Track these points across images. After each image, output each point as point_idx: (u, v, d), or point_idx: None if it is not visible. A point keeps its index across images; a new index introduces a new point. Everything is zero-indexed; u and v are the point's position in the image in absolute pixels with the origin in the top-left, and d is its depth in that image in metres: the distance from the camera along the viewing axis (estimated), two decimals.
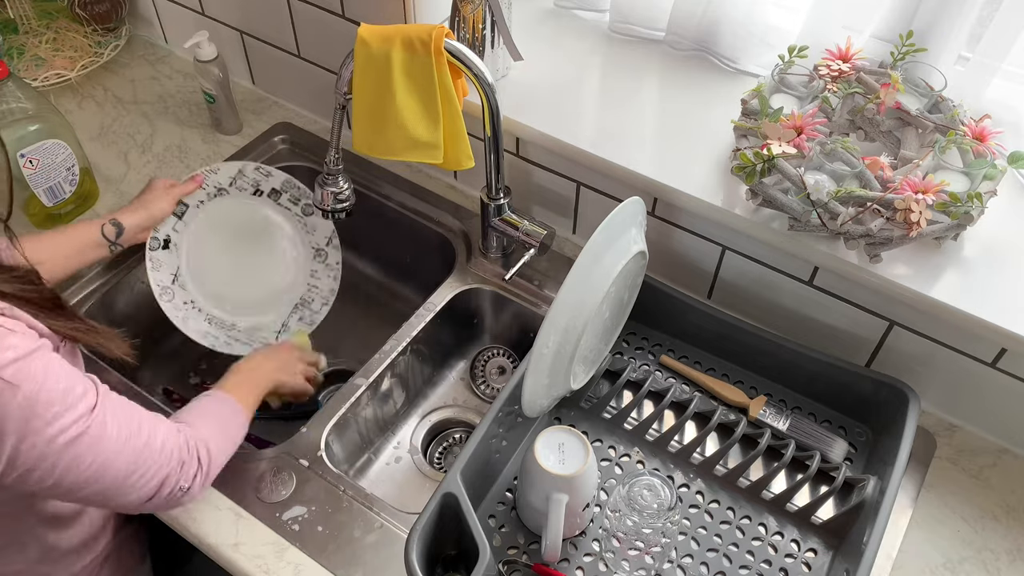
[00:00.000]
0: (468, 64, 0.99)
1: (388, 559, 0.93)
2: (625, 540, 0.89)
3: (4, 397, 0.67)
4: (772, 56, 1.10)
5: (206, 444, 0.87)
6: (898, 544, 0.95)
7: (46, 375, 0.70)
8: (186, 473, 0.83)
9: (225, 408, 0.94)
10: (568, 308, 0.86)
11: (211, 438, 0.88)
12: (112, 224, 1.09)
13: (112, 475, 0.75)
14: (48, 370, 0.71)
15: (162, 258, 1.15)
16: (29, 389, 0.68)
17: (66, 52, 1.49)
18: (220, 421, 0.92)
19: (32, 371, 0.69)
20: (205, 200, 1.20)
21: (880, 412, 1.01)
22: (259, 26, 1.39)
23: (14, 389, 0.67)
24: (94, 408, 0.74)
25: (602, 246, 0.87)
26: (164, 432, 0.81)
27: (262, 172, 1.23)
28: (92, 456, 0.73)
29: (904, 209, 0.90)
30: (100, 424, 0.74)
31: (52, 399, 0.70)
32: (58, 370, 0.72)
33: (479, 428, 0.91)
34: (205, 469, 0.86)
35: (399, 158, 1.05)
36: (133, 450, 0.77)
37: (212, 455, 0.87)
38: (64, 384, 0.71)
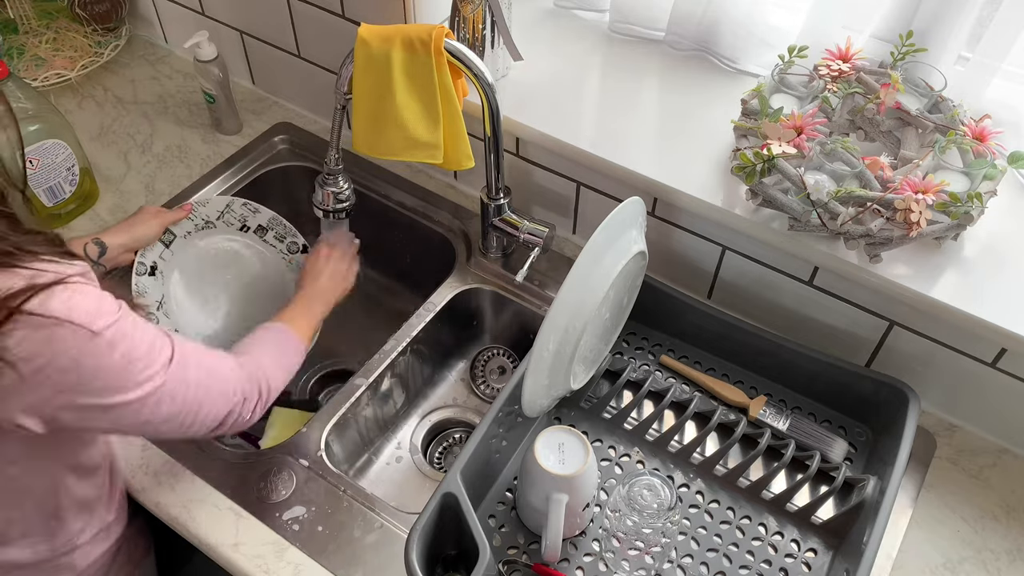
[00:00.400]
0: (468, 64, 0.99)
1: (388, 559, 0.93)
2: (625, 540, 0.89)
3: (105, 356, 0.71)
4: (772, 56, 1.10)
5: (266, 377, 0.92)
6: (898, 544, 0.95)
7: (134, 333, 0.74)
8: (248, 406, 0.89)
9: (284, 340, 1.00)
10: (568, 308, 0.86)
11: (271, 370, 0.93)
12: (95, 243, 1.07)
13: (186, 413, 0.81)
14: (135, 328, 0.75)
15: (148, 284, 1.14)
16: (124, 347, 0.73)
17: (66, 52, 1.49)
18: (279, 353, 0.97)
19: (125, 330, 0.73)
20: (192, 232, 1.19)
21: (880, 412, 1.01)
22: (259, 26, 1.39)
23: (113, 348, 0.72)
24: (171, 358, 0.78)
25: (602, 246, 0.87)
26: (229, 371, 0.87)
27: (249, 208, 1.23)
28: (171, 399, 0.79)
29: (904, 209, 0.90)
30: (178, 371, 0.79)
31: (140, 355, 0.75)
32: (143, 328, 0.76)
33: (479, 428, 0.91)
34: (264, 400, 0.91)
35: (399, 158, 1.05)
36: (205, 390, 0.82)
37: (271, 387, 0.93)
38: (148, 340, 0.76)
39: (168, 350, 0.79)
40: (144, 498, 0.98)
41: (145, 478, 0.99)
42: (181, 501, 0.97)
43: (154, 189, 1.33)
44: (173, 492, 0.98)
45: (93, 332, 0.70)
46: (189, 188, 1.32)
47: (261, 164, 1.38)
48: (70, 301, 0.69)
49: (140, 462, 1.01)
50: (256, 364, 0.92)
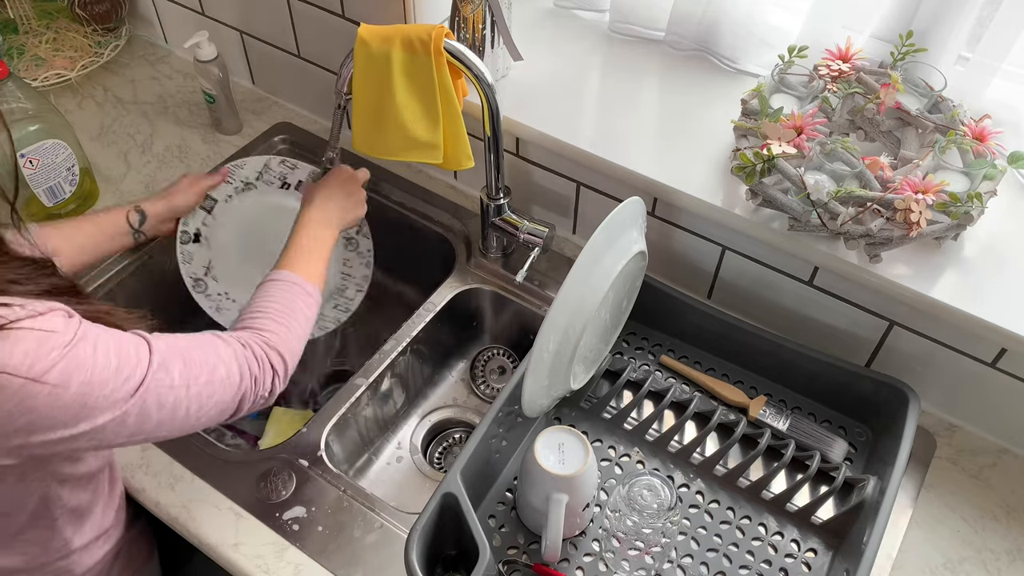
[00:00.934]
0: (468, 64, 0.99)
1: (388, 559, 0.93)
2: (625, 540, 0.89)
3: (57, 395, 0.68)
4: (772, 56, 1.10)
5: (277, 349, 0.87)
6: (898, 544, 0.95)
7: (95, 358, 0.70)
8: (263, 384, 0.85)
9: (291, 295, 0.93)
10: (568, 308, 0.86)
11: (282, 337, 0.89)
12: (136, 211, 1.10)
13: (183, 414, 0.78)
14: (96, 351, 0.71)
15: (193, 251, 1.16)
16: (81, 378, 0.69)
17: (66, 52, 1.49)
18: (288, 312, 0.91)
19: (80, 360, 0.69)
20: (233, 195, 1.20)
21: (880, 412, 1.01)
22: (259, 26, 1.39)
23: (64, 388, 0.68)
24: (148, 367, 0.74)
25: (602, 246, 0.87)
26: (227, 359, 0.82)
27: (288, 165, 1.23)
28: (158, 407, 0.75)
29: (904, 209, 0.90)
30: (160, 377, 0.75)
31: (106, 377, 0.71)
32: (106, 345, 0.72)
33: (479, 428, 0.91)
34: (282, 373, 0.88)
35: (399, 158, 1.05)
36: (200, 387, 0.78)
37: (286, 357, 0.88)
38: (115, 360, 0.72)
39: (144, 360, 0.74)
40: (144, 498, 0.98)
41: (145, 478, 0.99)
42: (181, 501, 0.97)
43: (154, 189, 1.32)
44: (173, 492, 0.98)
45: (32, 378, 0.66)
46: None
47: None
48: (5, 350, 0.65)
49: (140, 462, 1.01)
50: (263, 336, 0.88)
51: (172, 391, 0.76)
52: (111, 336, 0.73)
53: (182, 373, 0.78)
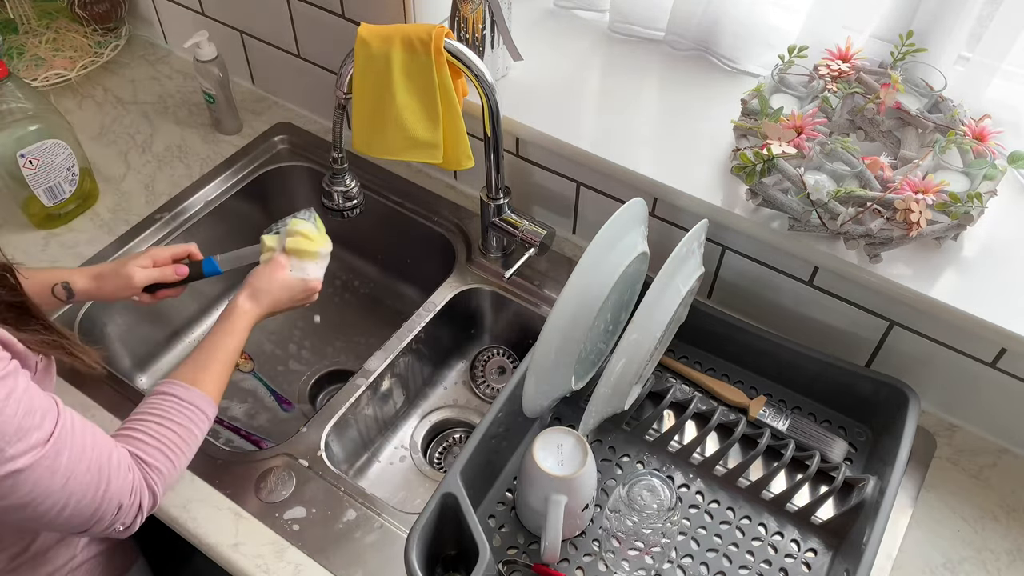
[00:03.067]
0: (468, 64, 0.99)
1: (388, 559, 0.93)
2: (625, 540, 0.89)
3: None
4: (772, 56, 1.10)
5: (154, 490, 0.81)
6: (898, 544, 0.95)
7: (4, 405, 0.67)
8: (124, 516, 0.79)
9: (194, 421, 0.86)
10: (570, 309, 0.86)
11: (164, 477, 0.82)
12: (64, 287, 1.00)
13: (45, 507, 0.72)
14: (9, 399, 0.68)
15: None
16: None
17: (66, 52, 1.49)
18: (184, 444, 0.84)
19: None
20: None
21: (880, 412, 1.01)
22: (259, 26, 1.39)
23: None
24: (47, 441, 0.71)
25: (605, 247, 0.87)
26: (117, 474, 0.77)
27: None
28: (31, 486, 0.70)
29: (904, 209, 0.90)
30: (49, 459, 0.71)
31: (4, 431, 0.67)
32: (19, 398, 0.69)
33: (479, 428, 0.91)
34: (146, 511, 0.81)
35: (399, 158, 1.05)
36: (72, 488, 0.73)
37: (158, 496, 0.82)
38: (21, 415, 0.68)
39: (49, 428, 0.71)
40: None
41: None
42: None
43: (154, 189, 1.33)
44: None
45: None
46: (189, 188, 1.33)
47: (261, 164, 1.38)
48: None
49: None
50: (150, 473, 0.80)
51: (55, 475, 0.71)
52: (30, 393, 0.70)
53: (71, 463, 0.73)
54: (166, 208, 1.29)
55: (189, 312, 1.36)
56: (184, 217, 1.29)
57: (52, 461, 0.71)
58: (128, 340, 1.26)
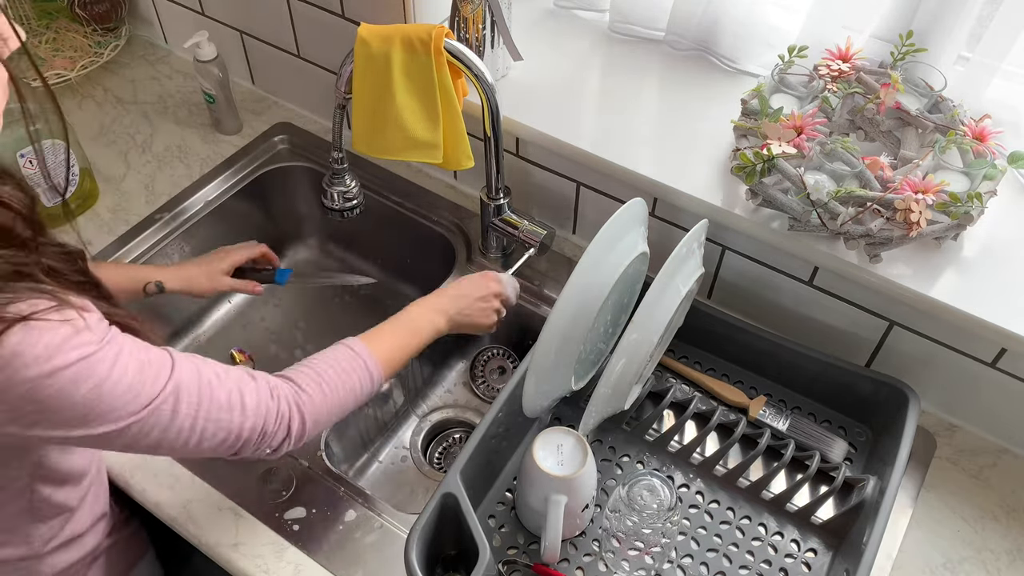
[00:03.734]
0: (468, 64, 0.99)
1: (388, 559, 0.93)
2: (625, 540, 0.89)
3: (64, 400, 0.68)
4: (772, 56, 1.10)
5: (303, 412, 0.84)
6: (898, 544, 0.95)
7: (112, 369, 0.70)
8: (270, 440, 0.82)
9: (354, 367, 0.89)
10: (570, 309, 0.86)
11: (316, 403, 0.85)
12: (155, 285, 1.09)
13: (181, 443, 0.76)
14: (116, 362, 0.71)
15: None
16: (90, 387, 0.69)
17: (66, 52, 1.49)
18: (340, 383, 0.88)
19: (94, 369, 0.69)
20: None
21: (880, 412, 1.01)
22: (259, 26, 1.39)
23: (73, 391, 0.68)
24: (162, 390, 0.74)
25: (605, 247, 0.87)
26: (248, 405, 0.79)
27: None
28: (160, 430, 0.74)
29: (904, 209, 0.90)
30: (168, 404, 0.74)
31: (116, 392, 0.70)
32: (128, 358, 0.72)
33: (479, 428, 0.91)
34: (296, 435, 0.83)
35: (399, 158, 1.05)
36: (203, 422, 0.76)
37: (308, 422, 0.84)
38: (131, 375, 0.71)
39: (161, 381, 0.73)
40: (144, 498, 0.98)
41: (145, 478, 0.99)
42: (181, 501, 0.97)
43: (154, 189, 1.33)
44: (173, 492, 0.98)
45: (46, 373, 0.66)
46: (189, 188, 1.32)
47: (261, 164, 1.38)
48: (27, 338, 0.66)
49: (140, 462, 1.01)
50: (298, 394, 0.84)
51: (177, 419, 0.75)
52: (137, 349, 0.73)
53: (194, 405, 0.76)
54: (166, 208, 1.29)
55: (189, 312, 1.36)
56: (184, 217, 1.29)
57: (176, 403, 0.74)
58: None
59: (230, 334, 1.36)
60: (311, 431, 0.85)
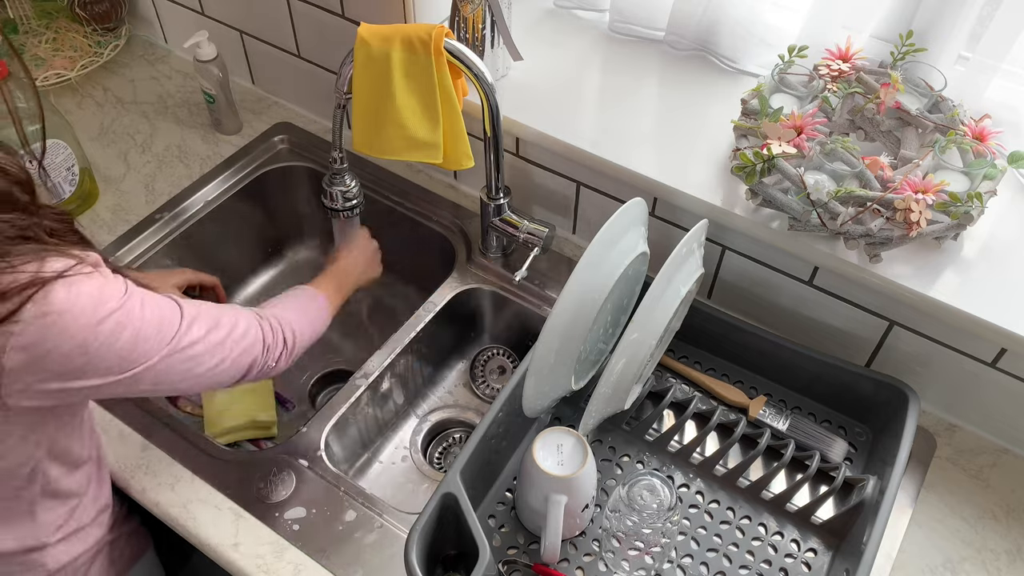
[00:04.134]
0: (468, 64, 0.99)
1: (388, 559, 0.93)
2: (625, 540, 0.89)
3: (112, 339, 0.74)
4: (772, 56, 1.10)
5: (291, 327, 0.96)
6: (898, 544, 0.95)
7: (143, 312, 0.77)
8: (272, 354, 0.93)
9: (310, 299, 1.03)
10: (570, 309, 0.86)
11: (296, 322, 0.97)
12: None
13: (202, 371, 0.84)
14: (144, 307, 0.78)
15: None
16: (131, 331, 0.76)
17: (66, 52, 1.49)
18: (305, 309, 1.01)
19: (132, 312, 0.76)
20: None
21: (880, 412, 1.01)
22: (259, 26, 1.39)
23: (118, 334, 0.75)
24: (181, 322, 0.82)
25: (605, 247, 0.87)
26: (245, 324, 0.90)
27: None
28: (184, 360, 0.82)
29: (904, 209, 0.90)
30: (189, 334, 0.82)
31: (148, 334, 0.78)
32: (151, 305, 0.79)
33: (479, 428, 0.91)
34: (290, 348, 0.95)
35: (399, 158, 1.05)
36: (220, 348, 0.86)
37: (296, 336, 0.96)
38: (157, 316, 0.79)
39: (176, 317, 0.81)
40: (144, 498, 0.98)
41: (145, 478, 0.99)
42: (181, 501, 0.97)
43: (154, 189, 1.33)
44: (173, 492, 0.98)
45: (96, 323, 0.72)
46: (189, 188, 1.32)
47: (261, 164, 1.38)
48: (71, 292, 0.71)
49: (140, 462, 1.01)
50: (279, 316, 0.96)
51: (195, 345, 0.83)
52: (150, 294, 0.80)
53: (206, 329, 0.84)
54: (166, 208, 1.29)
55: None
56: (184, 217, 1.29)
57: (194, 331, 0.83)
58: None
59: None
60: (299, 343, 0.97)
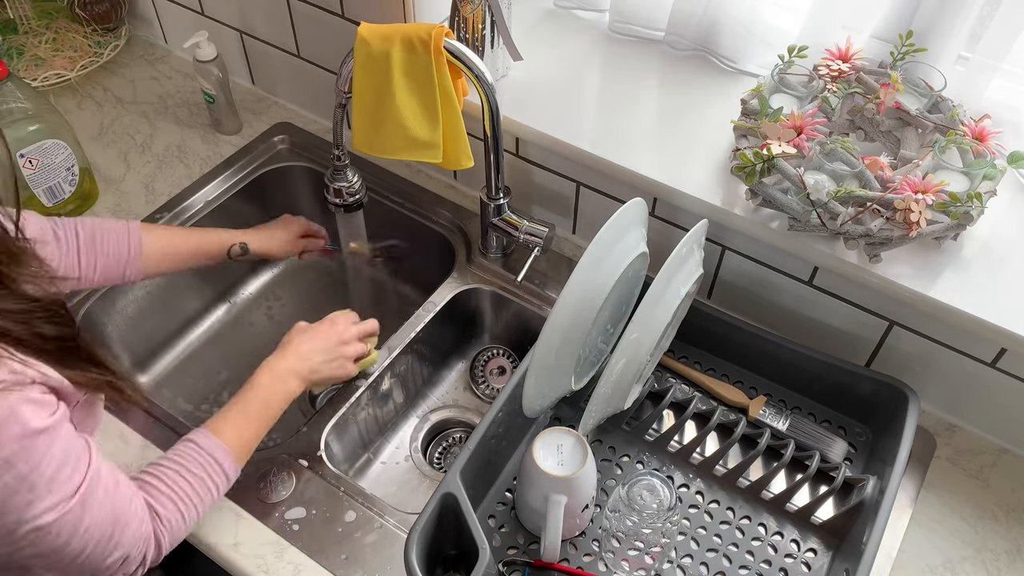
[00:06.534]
0: (468, 64, 0.99)
1: (388, 559, 0.93)
2: (625, 540, 0.89)
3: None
4: (772, 56, 1.10)
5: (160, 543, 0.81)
6: (898, 544, 0.95)
7: (43, 456, 0.67)
8: (127, 567, 0.78)
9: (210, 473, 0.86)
10: (570, 309, 0.86)
11: (173, 531, 0.82)
12: (240, 246, 1.16)
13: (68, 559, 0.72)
14: (50, 450, 0.67)
15: None
16: (20, 471, 0.65)
17: (66, 52, 1.49)
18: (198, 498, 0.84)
19: (32, 452, 0.66)
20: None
21: (880, 412, 1.01)
22: (259, 26, 1.39)
23: (8, 467, 0.65)
24: (74, 494, 0.70)
25: (605, 248, 0.87)
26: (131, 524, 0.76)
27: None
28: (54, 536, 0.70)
29: (904, 209, 0.90)
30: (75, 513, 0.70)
31: (36, 483, 0.66)
32: (57, 450, 0.68)
33: (479, 428, 0.91)
34: (148, 562, 0.80)
35: (398, 157, 1.05)
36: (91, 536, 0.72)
37: (163, 549, 0.81)
38: (55, 467, 0.68)
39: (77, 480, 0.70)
40: None
41: None
42: None
43: (154, 189, 1.33)
44: None
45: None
46: (189, 188, 1.32)
47: (261, 164, 1.38)
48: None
49: (140, 462, 1.01)
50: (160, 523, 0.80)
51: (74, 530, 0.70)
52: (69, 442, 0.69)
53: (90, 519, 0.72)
54: (166, 208, 1.29)
55: (189, 312, 1.36)
56: (184, 217, 1.29)
57: (78, 514, 0.70)
58: (128, 339, 1.26)
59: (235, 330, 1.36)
60: (163, 555, 0.82)
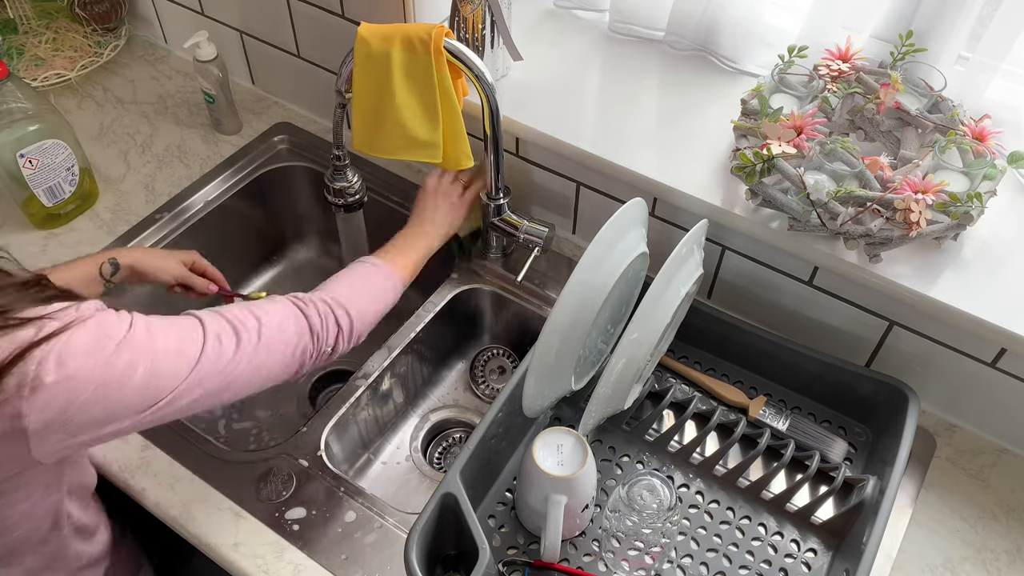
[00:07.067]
0: (468, 64, 0.99)
1: (388, 559, 0.93)
2: (625, 540, 0.89)
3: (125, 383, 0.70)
4: (772, 56, 1.10)
5: (343, 306, 0.91)
6: (898, 544, 0.95)
7: (152, 344, 0.72)
8: (324, 340, 0.88)
9: (372, 274, 0.98)
10: (571, 309, 0.86)
11: (351, 300, 0.92)
12: (110, 263, 1.05)
13: (245, 379, 0.80)
14: (154, 335, 0.72)
15: None
16: (144, 367, 0.71)
17: (66, 52, 1.49)
18: (364, 284, 0.96)
19: (139, 350, 0.71)
20: None
21: (880, 412, 1.01)
22: (259, 26, 1.39)
23: (131, 373, 0.70)
24: (205, 340, 0.76)
25: (605, 248, 0.87)
26: (279, 317, 0.84)
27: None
28: (218, 375, 0.77)
29: (904, 209, 0.90)
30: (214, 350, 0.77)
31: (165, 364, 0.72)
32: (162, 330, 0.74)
33: (479, 428, 0.91)
34: (347, 330, 0.90)
35: (398, 157, 1.05)
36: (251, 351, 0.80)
37: (354, 316, 0.91)
38: (173, 340, 0.74)
39: (199, 340, 0.76)
40: (144, 498, 0.98)
41: (145, 478, 0.99)
42: (181, 501, 0.97)
43: (154, 189, 1.33)
44: (173, 492, 0.98)
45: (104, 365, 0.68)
46: (189, 188, 1.32)
47: (261, 164, 1.38)
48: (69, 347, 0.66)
49: (140, 462, 1.01)
50: (331, 298, 0.91)
51: (223, 359, 0.78)
52: (161, 320, 0.75)
53: (234, 338, 0.79)
54: (166, 208, 1.29)
55: None
56: (184, 217, 1.29)
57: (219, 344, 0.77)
58: None
59: None
60: (357, 322, 0.91)
